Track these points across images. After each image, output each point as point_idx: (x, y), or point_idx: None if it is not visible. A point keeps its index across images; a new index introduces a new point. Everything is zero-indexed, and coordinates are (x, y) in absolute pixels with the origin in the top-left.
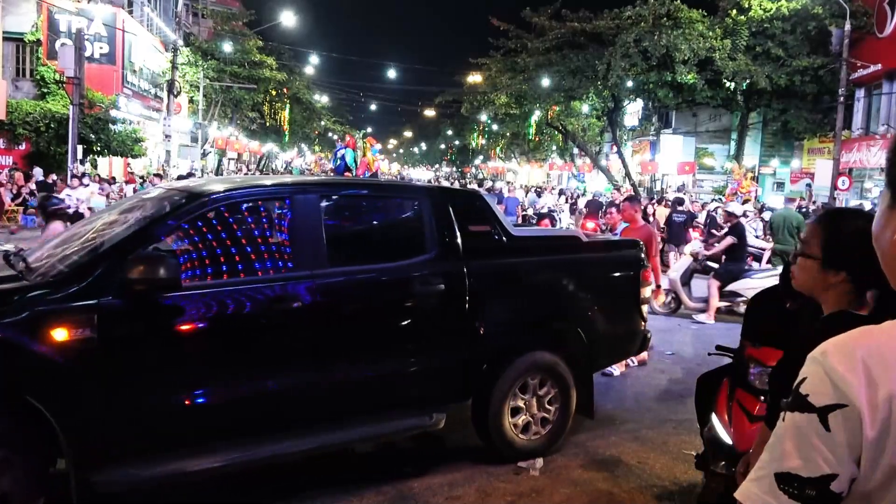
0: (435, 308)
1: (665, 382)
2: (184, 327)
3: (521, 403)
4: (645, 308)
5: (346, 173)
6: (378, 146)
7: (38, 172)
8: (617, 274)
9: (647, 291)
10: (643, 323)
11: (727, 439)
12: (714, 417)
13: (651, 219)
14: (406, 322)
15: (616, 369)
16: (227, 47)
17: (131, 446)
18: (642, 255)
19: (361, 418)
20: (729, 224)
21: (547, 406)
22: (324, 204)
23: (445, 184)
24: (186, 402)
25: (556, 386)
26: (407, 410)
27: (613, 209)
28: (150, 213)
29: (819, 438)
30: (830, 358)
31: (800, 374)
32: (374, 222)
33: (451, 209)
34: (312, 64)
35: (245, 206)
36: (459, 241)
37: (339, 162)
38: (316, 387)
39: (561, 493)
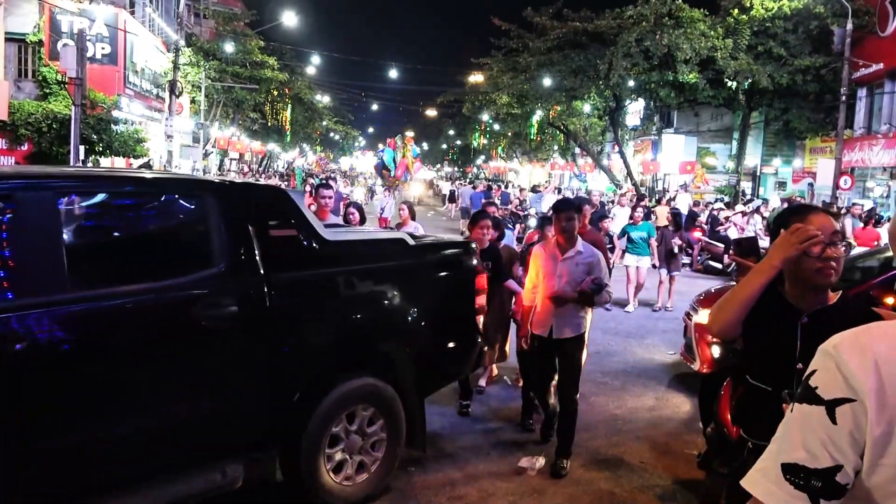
0: (225, 336)
1: (666, 382)
2: None
3: (341, 442)
4: (481, 319)
5: (385, 172)
6: (416, 147)
7: None
8: (449, 281)
9: (482, 300)
10: (479, 336)
11: (730, 439)
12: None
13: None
14: (183, 358)
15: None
16: (229, 48)
17: None
18: (476, 260)
19: (120, 491)
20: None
21: (373, 442)
22: (64, 205)
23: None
24: None
25: (383, 417)
26: (187, 470)
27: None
28: None
29: (826, 431)
30: (843, 352)
31: (810, 366)
32: (140, 229)
33: (246, 210)
34: (314, 64)
35: None
36: (258, 250)
37: (378, 160)
38: (47, 456)
39: (563, 492)
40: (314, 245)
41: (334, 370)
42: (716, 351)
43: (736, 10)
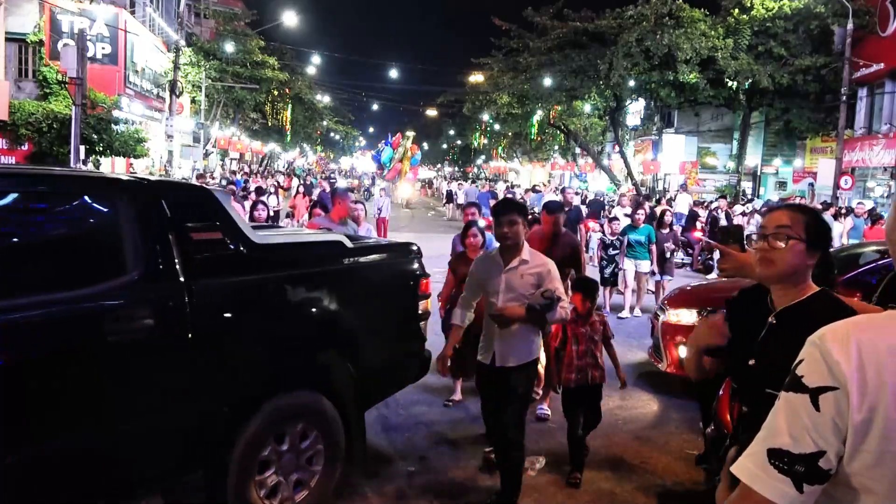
0: (138, 351)
1: (666, 382)
2: None
3: (272, 463)
4: (423, 325)
5: (378, 170)
6: (419, 155)
7: None
8: (391, 287)
9: (427, 306)
10: (422, 344)
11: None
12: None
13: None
14: (89, 377)
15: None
16: (230, 47)
17: None
18: (419, 263)
19: None
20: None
21: (309, 461)
22: None
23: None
24: None
25: (320, 434)
26: (96, 500)
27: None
28: None
29: (809, 417)
30: (827, 342)
31: (798, 356)
32: (42, 233)
33: (165, 211)
34: (314, 64)
35: None
36: (177, 255)
37: (376, 153)
38: None
39: (562, 492)
40: (241, 249)
41: (265, 385)
42: (682, 352)
43: (736, 10)
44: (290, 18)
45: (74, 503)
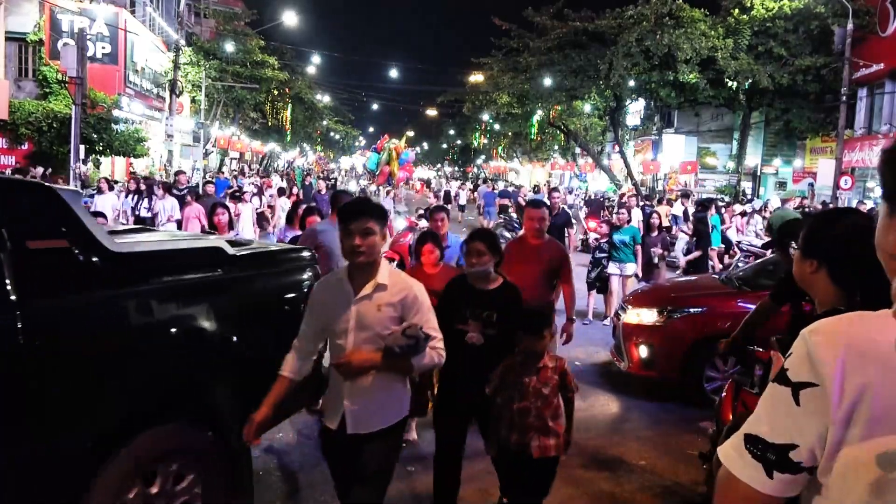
0: None
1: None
2: None
3: None
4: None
5: (370, 177)
6: (409, 152)
7: (38, 173)
8: (281, 299)
9: None
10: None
11: None
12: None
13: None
14: None
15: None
16: (230, 47)
17: None
18: (313, 272)
19: None
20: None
21: (184, 502)
22: None
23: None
24: None
25: (199, 473)
26: None
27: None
28: None
29: (788, 410)
30: (815, 337)
31: (791, 349)
32: None
33: None
34: (314, 63)
35: None
36: (7, 268)
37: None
38: None
39: (562, 492)
40: (94, 259)
41: (126, 419)
42: (643, 351)
43: (736, 10)
44: (290, 18)
45: None
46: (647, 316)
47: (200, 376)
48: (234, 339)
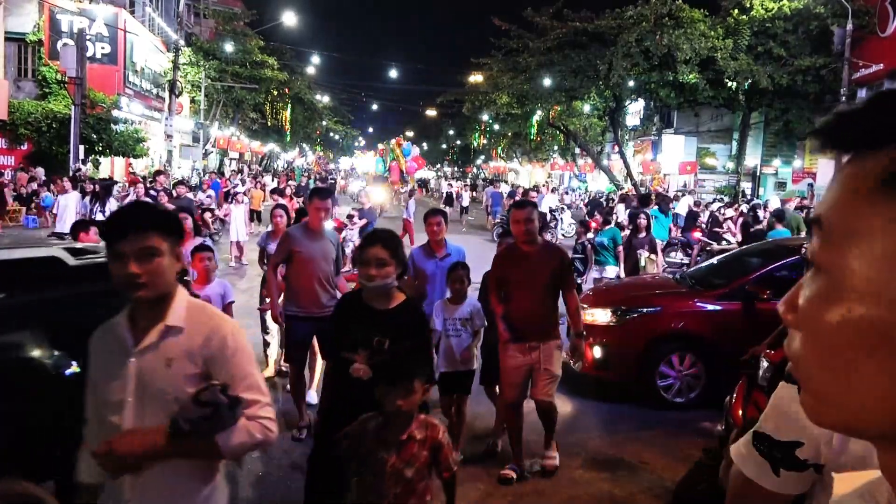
0: None
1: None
2: None
3: None
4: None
5: (384, 180)
6: (409, 145)
7: (40, 172)
8: None
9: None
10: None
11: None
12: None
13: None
14: None
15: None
16: (229, 47)
17: None
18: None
19: None
20: None
21: None
22: None
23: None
24: None
25: None
26: None
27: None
28: None
29: (794, 409)
30: None
31: None
32: None
33: None
34: (314, 64)
35: None
36: None
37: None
38: None
39: (562, 493)
40: None
41: None
42: (597, 351)
43: (736, 11)
44: (289, 18)
45: None
46: (601, 316)
47: (32, 414)
48: (75, 365)
